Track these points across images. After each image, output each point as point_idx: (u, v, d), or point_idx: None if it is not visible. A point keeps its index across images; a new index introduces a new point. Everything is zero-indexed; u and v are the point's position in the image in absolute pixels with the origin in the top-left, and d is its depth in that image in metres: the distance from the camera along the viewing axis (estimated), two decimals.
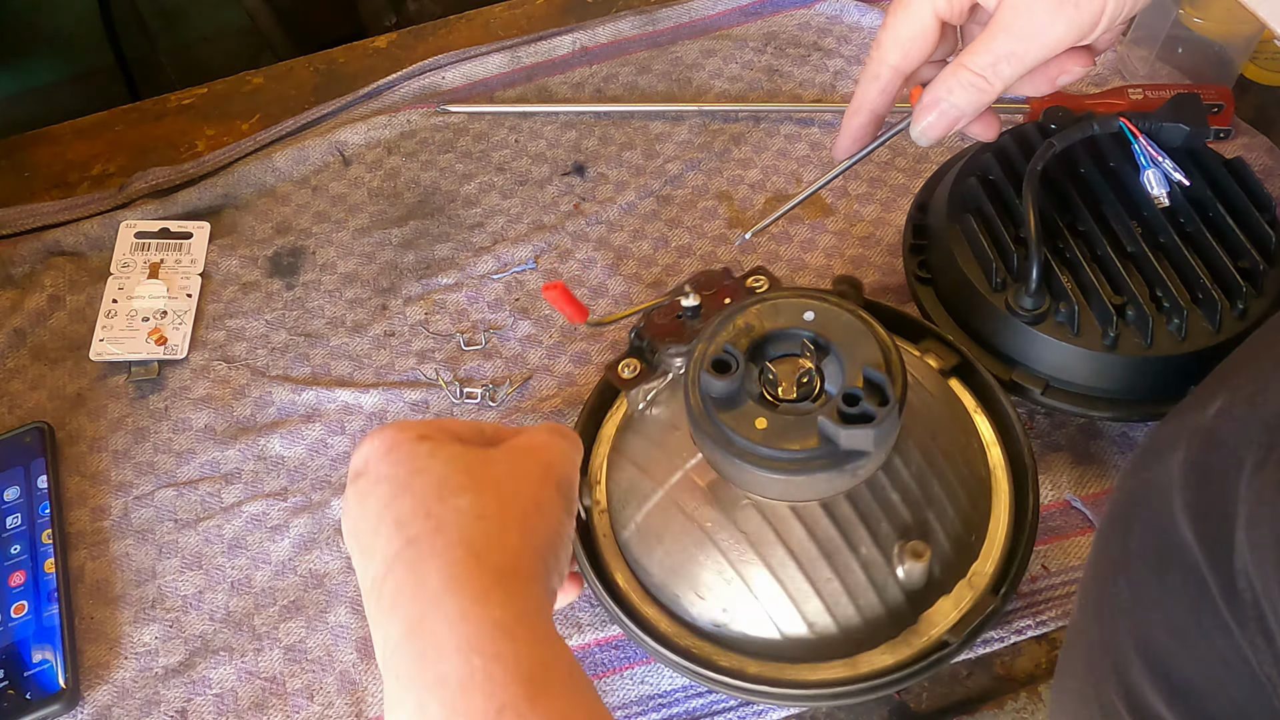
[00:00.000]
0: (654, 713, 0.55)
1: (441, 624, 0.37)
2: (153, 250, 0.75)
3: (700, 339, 0.49)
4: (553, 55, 0.85)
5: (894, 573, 0.50)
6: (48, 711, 0.56)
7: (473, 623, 0.37)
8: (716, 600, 0.51)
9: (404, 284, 0.73)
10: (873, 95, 0.54)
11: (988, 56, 0.49)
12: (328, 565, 0.61)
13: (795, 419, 0.47)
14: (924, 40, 0.52)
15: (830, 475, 0.46)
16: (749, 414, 0.47)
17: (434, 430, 0.44)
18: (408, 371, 0.68)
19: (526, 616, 0.38)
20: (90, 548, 0.63)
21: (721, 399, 0.47)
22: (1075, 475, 0.60)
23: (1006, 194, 0.62)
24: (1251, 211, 0.59)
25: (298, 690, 0.57)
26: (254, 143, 0.81)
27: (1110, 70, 0.79)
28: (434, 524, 0.40)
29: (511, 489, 0.42)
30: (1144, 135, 0.61)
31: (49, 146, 0.84)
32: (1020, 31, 0.48)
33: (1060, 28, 0.48)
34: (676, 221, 0.74)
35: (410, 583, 0.38)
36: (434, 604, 0.37)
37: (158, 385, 0.70)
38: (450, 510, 0.40)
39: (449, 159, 0.80)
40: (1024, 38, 0.48)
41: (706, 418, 0.47)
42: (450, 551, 0.39)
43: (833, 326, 0.49)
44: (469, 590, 0.37)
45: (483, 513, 0.40)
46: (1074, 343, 0.57)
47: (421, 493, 0.41)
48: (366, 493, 0.42)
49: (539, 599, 0.40)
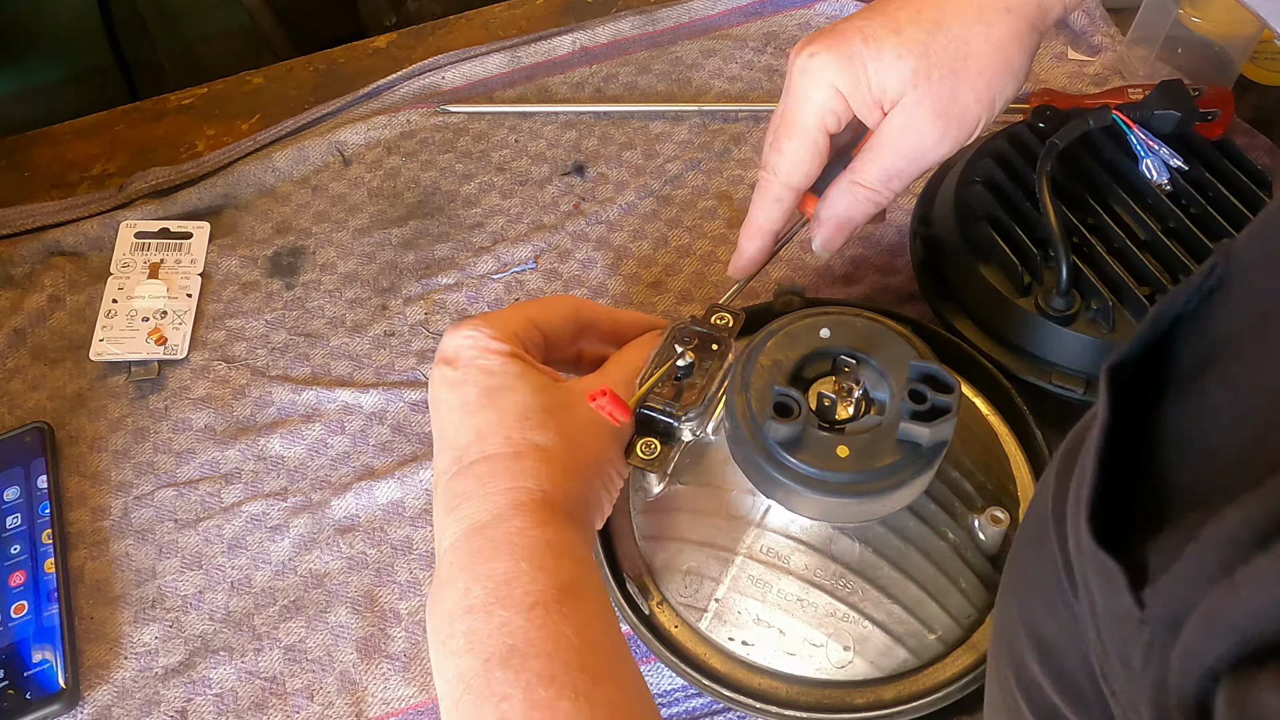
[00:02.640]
0: None
1: (500, 533, 0.43)
2: (153, 250, 0.75)
3: (731, 390, 0.48)
4: (553, 55, 0.85)
5: (977, 543, 0.51)
6: (48, 711, 0.56)
7: (528, 539, 0.42)
8: (837, 641, 0.50)
9: (404, 284, 0.73)
10: (775, 217, 0.56)
11: (879, 174, 0.53)
12: (328, 565, 0.61)
13: (870, 436, 0.46)
14: (820, 158, 0.54)
15: (921, 478, 0.46)
16: (826, 446, 0.45)
17: (526, 342, 0.49)
18: (408, 371, 0.68)
19: (572, 546, 0.44)
20: (90, 548, 0.63)
21: (788, 442, 0.46)
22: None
23: (1015, 197, 0.62)
24: (1251, 188, 0.60)
25: (298, 690, 0.57)
26: (254, 143, 0.81)
27: (1110, 70, 0.79)
28: (511, 449, 0.45)
29: (582, 440, 0.47)
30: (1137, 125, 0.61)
31: (49, 146, 0.84)
32: (907, 150, 0.52)
33: (945, 146, 0.52)
34: (676, 221, 0.74)
35: (478, 493, 0.44)
36: (497, 518, 0.43)
37: (158, 385, 0.70)
38: (527, 442, 0.45)
39: (449, 159, 0.80)
40: (912, 156, 0.52)
41: (781, 464, 0.46)
42: (520, 479, 0.44)
43: (853, 336, 0.48)
44: (530, 515, 0.43)
45: (553, 455, 0.45)
46: (1110, 338, 0.56)
47: (506, 412, 0.46)
48: (457, 383, 0.47)
49: (585, 534, 0.46)
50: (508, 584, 0.41)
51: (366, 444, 0.65)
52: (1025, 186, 0.62)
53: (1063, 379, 0.58)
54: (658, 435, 0.50)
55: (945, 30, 0.50)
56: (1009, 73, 0.51)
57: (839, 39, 0.51)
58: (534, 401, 0.46)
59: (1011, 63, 0.51)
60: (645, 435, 0.50)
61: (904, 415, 0.45)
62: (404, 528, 0.62)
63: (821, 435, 0.46)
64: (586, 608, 0.42)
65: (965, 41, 0.50)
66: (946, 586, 0.50)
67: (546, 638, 0.40)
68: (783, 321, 0.50)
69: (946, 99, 0.51)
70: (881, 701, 0.50)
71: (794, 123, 0.53)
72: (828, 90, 0.51)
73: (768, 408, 0.45)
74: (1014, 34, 0.50)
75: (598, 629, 0.42)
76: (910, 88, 0.51)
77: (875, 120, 0.52)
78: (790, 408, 0.45)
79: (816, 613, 0.50)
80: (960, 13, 0.50)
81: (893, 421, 0.46)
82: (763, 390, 0.47)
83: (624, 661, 0.42)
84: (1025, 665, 0.34)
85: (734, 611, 0.51)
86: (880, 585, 0.50)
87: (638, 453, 0.50)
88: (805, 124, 0.53)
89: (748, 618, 0.51)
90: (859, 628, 0.50)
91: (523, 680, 0.39)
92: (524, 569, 0.41)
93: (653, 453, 0.50)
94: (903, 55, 0.50)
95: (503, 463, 0.44)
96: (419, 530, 0.62)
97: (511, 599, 0.41)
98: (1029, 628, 0.34)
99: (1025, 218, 0.61)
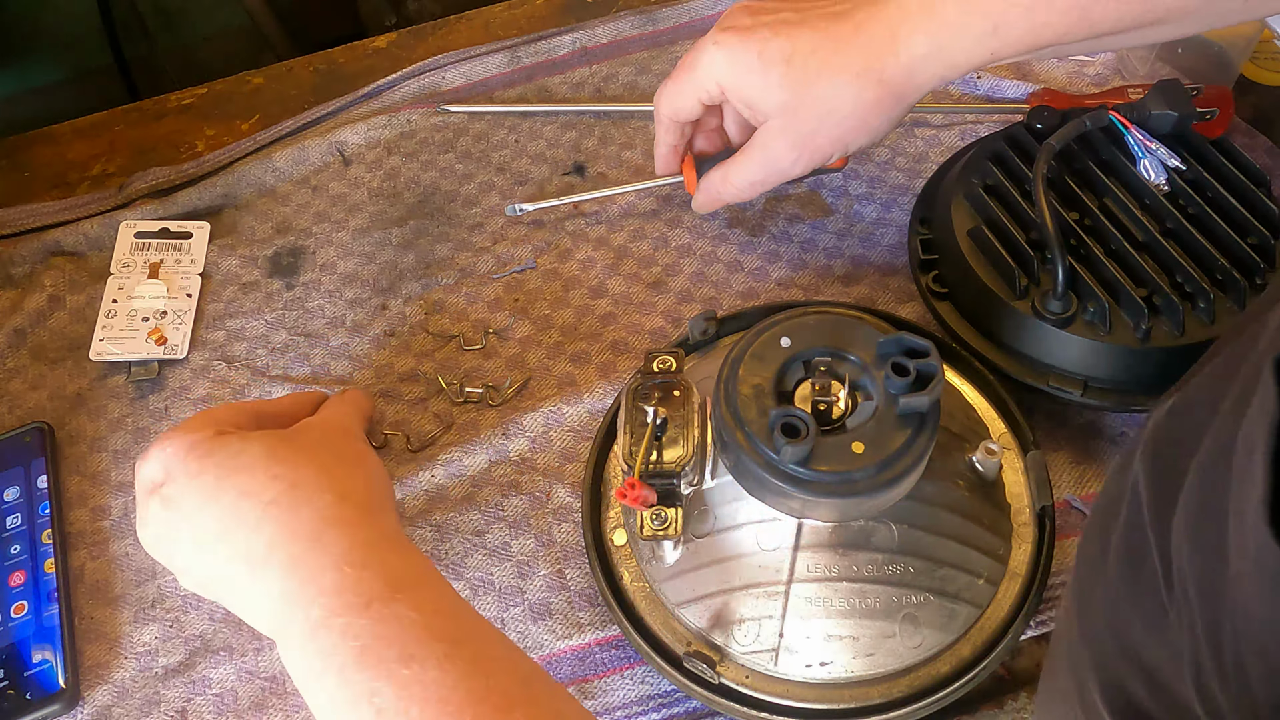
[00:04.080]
0: (654, 713, 0.55)
1: (319, 552, 0.45)
2: (153, 250, 0.75)
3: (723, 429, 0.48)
4: (553, 55, 0.85)
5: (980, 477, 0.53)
6: (48, 711, 0.56)
7: (344, 544, 0.45)
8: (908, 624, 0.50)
9: (404, 284, 0.73)
10: (661, 135, 0.67)
11: (744, 180, 0.63)
12: None
13: (875, 424, 0.46)
14: (690, 113, 0.64)
15: (931, 444, 0.47)
16: (840, 449, 0.46)
17: (223, 423, 0.51)
18: (408, 371, 0.68)
19: (387, 536, 0.47)
20: (90, 548, 0.63)
21: (804, 460, 0.46)
22: (1075, 475, 0.60)
23: (1011, 199, 0.62)
24: (1250, 188, 0.60)
25: (297, 690, 0.57)
26: (254, 143, 0.81)
27: (1110, 70, 0.79)
28: (287, 484, 0.47)
29: (333, 449, 0.51)
30: (1135, 125, 0.61)
31: (49, 146, 0.84)
32: (767, 166, 0.62)
33: (799, 167, 0.61)
34: (676, 221, 0.74)
35: (285, 532, 0.46)
36: (312, 539, 0.45)
37: (158, 385, 0.70)
38: (299, 473, 0.48)
39: (449, 159, 0.80)
40: (770, 171, 0.62)
41: (805, 482, 0.45)
42: (319, 497, 0.47)
43: (813, 334, 0.49)
44: (341, 522, 0.46)
45: (324, 468, 0.48)
46: (1107, 340, 0.56)
47: (258, 467, 0.48)
48: (177, 496, 0.48)
49: (395, 523, 0.50)
50: (339, 594, 0.43)
51: None
52: (1023, 188, 0.62)
53: (1060, 381, 0.58)
54: (659, 503, 0.49)
55: (824, 82, 0.57)
56: (865, 130, 0.59)
57: (744, 39, 0.58)
58: (271, 445, 0.49)
59: (869, 124, 0.58)
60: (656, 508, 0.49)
61: (896, 391, 0.45)
62: (404, 528, 0.62)
63: (832, 440, 0.46)
64: (421, 590, 0.44)
65: (835, 98, 0.57)
66: (974, 530, 0.51)
67: (391, 628, 0.42)
68: (739, 345, 0.50)
69: (805, 135, 0.59)
70: (964, 661, 0.50)
71: (678, 87, 0.63)
72: (712, 82, 0.61)
73: (772, 434, 0.45)
74: (878, 102, 0.57)
75: (441, 603, 0.44)
76: (777, 115, 0.59)
77: (746, 115, 0.61)
78: (798, 428, 0.45)
79: (879, 606, 0.50)
80: (841, 70, 0.56)
81: (889, 401, 0.46)
82: (757, 419, 0.47)
83: (475, 620, 0.44)
84: (1122, 687, 0.33)
85: (802, 638, 0.50)
86: (925, 555, 0.50)
87: (648, 527, 0.49)
88: (684, 90, 0.63)
89: (817, 639, 0.50)
90: (920, 603, 0.50)
91: (383, 671, 0.41)
92: (348, 574, 0.44)
93: (664, 522, 0.49)
94: (783, 87, 0.58)
95: (288, 497, 0.47)
96: (419, 530, 0.62)
97: (346, 607, 0.43)
98: (1128, 652, 0.33)
99: (1022, 220, 0.61)
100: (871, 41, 0.56)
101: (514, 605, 0.58)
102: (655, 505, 0.49)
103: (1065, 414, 0.62)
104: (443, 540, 0.61)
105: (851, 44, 0.56)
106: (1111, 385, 0.57)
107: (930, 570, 0.50)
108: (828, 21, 0.57)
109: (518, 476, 0.63)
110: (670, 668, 0.52)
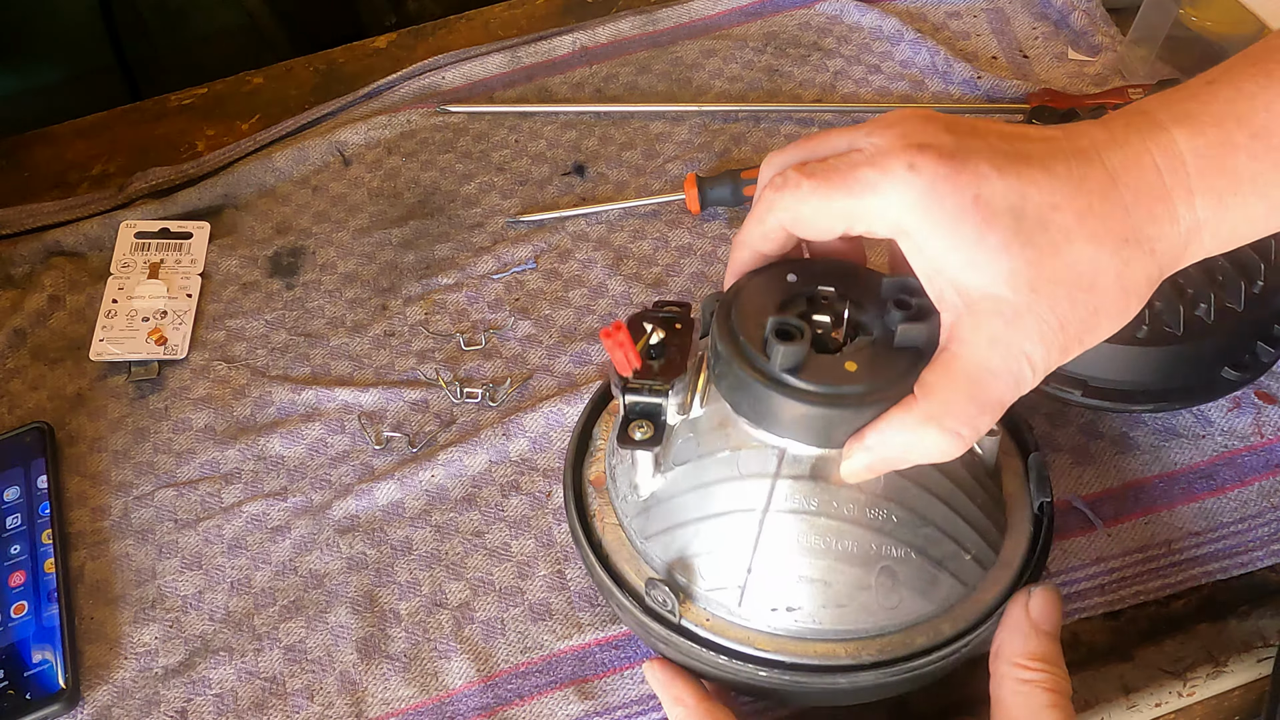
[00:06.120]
0: (654, 713, 0.55)
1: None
2: (153, 250, 0.75)
3: (719, 339, 0.47)
4: (553, 55, 0.85)
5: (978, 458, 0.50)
6: (48, 711, 0.56)
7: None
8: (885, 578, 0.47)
9: (404, 284, 0.73)
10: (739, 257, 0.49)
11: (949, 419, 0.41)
12: (328, 565, 0.61)
13: (871, 349, 0.45)
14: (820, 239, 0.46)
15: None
16: (833, 365, 0.45)
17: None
18: (408, 371, 0.68)
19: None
20: (90, 548, 0.63)
21: (793, 368, 0.44)
22: (1075, 475, 0.60)
23: None
24: None
25: (298, 690, 0.57)
26: (254, 143, 0.81)
27: (1110, 70, 0.79)
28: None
29: None
30: None
31: (49, 146, 0.84)
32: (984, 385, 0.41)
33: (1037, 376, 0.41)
34: (677, 222, 0.74)
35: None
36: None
37: (158, 385, 0.70)
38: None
39: (449, 159, 0.80)
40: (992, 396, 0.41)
41: (794, 390, 0.44)
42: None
43: (820, 275, 0.48)
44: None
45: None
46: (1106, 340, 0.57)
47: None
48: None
49: None
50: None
51: (366, 444, 0.65)
52: None
53: (1060, 381, 0.58)
54: (647, 416, 0.48)
55: (1076, 250, 0.39)
56: (1121, 319, 0.42)
57: (954, 171, 0.39)
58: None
59: (1127, 311, 0.41)
60: (637, 420, 0.48)
61: (894, 326, 0.44)
62: (404, 528, 0.62)
63: (826, 359, 0.45)
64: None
65: (1095, 273, 0.40)
66: (965, 502, 0.49)
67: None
68: (746, 275, 0.49)
69: (1051, 326, 0.40)
70: (943, 637, 0.48)
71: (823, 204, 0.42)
72: (884, 220, 0.41)
73: (766, 344, 0.45)
74: (1148, 283, 0.41)
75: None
76: (997, 291, 0.39)
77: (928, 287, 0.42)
78: (791, 333, 0.45)
79: (856, 551, 0.47)
80: (1101, 237, 0.39)
81: (887, 332, 0.45)
82: (754, 332, 0.46)
83: None
84: None
85: (771, 576, 0.48)
86: (910, 507, 0.48)
87: (630, 435, 0.47)
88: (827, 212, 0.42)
89: (788, 579, 0.47)
90: (900, 558, 0.48)
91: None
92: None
93: (648, 433, 0.48)
94: (1010, 251, 0.39)
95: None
96: (419, 530, 0.62)
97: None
98: None
99: None
100: (1140, 200, 0.39)
101: (514, 605, 0.58)
102: (636, 421, 0.47)
103: (1065, 414, 0.62)
104: (443, 540, 0.61)
105: (1109, 199, 0.39)
106: (1111, 385, 0.57)
107: (914, 525, 0.48)
108: (1065, 162, 0.40)
109: (518, 476, 0.63)
110: (634, 603, 0.50)
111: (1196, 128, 0.39)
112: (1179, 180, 0.39)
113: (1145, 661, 0.54)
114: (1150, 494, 0.59)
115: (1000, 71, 0.80)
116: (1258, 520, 0.57)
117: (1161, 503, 0.58)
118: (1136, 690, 0.54)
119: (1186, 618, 0.55)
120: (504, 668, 0.56)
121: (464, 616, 0.58)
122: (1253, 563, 0.56)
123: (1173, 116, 0.40)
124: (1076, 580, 0.56)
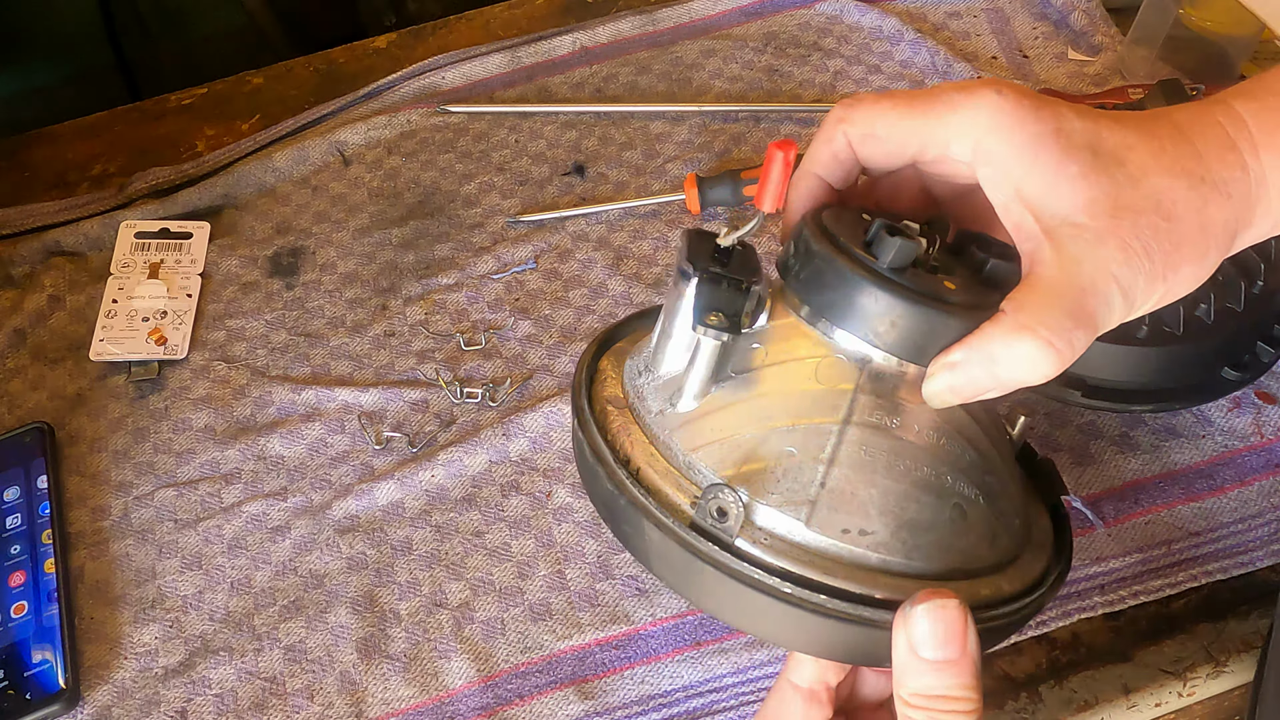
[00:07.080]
0: (654, 713, 0.55)
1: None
2: (153, 250, 0.75)
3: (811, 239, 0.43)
4: (553, 55, 0.85)
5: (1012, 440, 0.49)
6: (48, 711, 0.56)
7: None
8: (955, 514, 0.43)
9: (404, 284, 0.73)
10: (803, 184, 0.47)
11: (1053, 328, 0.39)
12: (328, 565, 0.61)
13: (963, 275, 0.43)
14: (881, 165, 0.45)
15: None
16: (932, 281, 0.42)
17: None
18: (408, 371, 0.68)
19: None
20: (90, 548, 0.63)
21: (902, 266, 0.41)
22: (1075, 475, 0.60)
23: None
24: None
25: (298, 690, 0.57)
26: (254, 143, 0.81)
27: (1110, 70, 0.79)
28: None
29: None
30: None
31: (49, 146, 0.84)
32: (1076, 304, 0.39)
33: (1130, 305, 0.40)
34: (677, 222, 0.74)
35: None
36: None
37: (158, 385, 0.70)
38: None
39: (449, 159, 0.80)
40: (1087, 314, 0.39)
41: (899, 288, 0.41)
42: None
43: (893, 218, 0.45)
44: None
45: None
46: (1107, 341, 0.56)
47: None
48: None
49: None
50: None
51: (366, 444, 0.65)
52: None
53: (1060, 381, 0.58)
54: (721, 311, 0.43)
55: (1154, 180, 0.39)
56: (1203, 264, 0.40)
57: (1038, 103, 0.40)
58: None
59: (1208, 256, 0.40)
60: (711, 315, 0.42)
61: (979, 265, 0.43)
62: (404, 528, 0.62)
63: (924, 273, 0.42)
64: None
65: (1175, 203, 0.39)
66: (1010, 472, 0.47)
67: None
68: (814, 210, 0.46)
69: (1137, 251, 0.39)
70: (1003, 594, 0.44)
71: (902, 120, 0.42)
72: (965, 138, 0.40)
73: (869, 244, 0.41)
74: (1224, 225, 0.40)
75: None
76: (1077, 218, 0.39)
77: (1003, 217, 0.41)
78: (903, 230, 0.41)
79: (933, 479, 0.43)
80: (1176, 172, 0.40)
81: (975, 263, 0.44)
82: (853, 232, 0.42)
83: None
84: None
85: (848, 492, 0.42)
86: (979, 450, 0.45)
87: (710, 321, 0.42)
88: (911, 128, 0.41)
89: (864, 496, 0.42)
90: (972, 498, 0.44)
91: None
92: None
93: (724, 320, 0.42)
94: (1088, 179, 0.39)
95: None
96: (419, 530, 0.62)
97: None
98: None
99: None
100: (1210, 147, 0.40)
101: (514, 605, 0.58)
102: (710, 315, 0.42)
103: (1065, 414, 0.62)
104: (443, 540, 0.61)
105: (1180, 144, 0.40)
106: (1111, 385, 0.57)
107: (982, 470, 0.45)
108: (1134, 118, 0.41)
109: (517, 476, 0.63)
110: (673, 523, 0.42)
111: (1256, 97, 0.42)
112: (1244, 136, 0.41)
113: (1145, 662, 0.54)
114: (1150, 494, 0.59)
115: (1000, 71, 0.80)
116: (1258, 520, 0.57)
117: (1161, 503, 0.58)
118: (1136, 690, 0.54)
119: (1186, 618, 0.55)
120: (504, 668, 0.56)
121: (464, 616, 0.58)
122: (1252, 563, 0.56)
123: (1231, 93, 0.42)
124: (1076, 580, 0.56)
